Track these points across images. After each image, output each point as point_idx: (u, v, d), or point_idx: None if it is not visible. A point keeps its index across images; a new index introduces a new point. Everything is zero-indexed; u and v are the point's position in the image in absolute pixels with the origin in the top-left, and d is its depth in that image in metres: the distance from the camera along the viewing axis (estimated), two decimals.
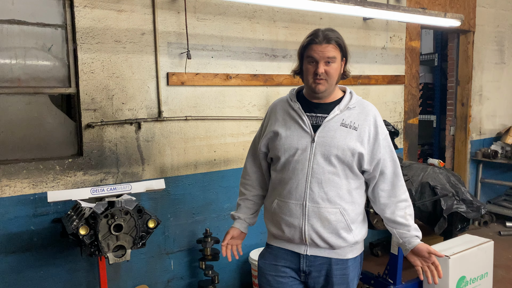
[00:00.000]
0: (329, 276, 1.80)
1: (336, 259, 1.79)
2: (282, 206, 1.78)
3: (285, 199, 1.77)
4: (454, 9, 4.65)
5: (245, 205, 2.01)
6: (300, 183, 1.73)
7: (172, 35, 2.97)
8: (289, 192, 1.76)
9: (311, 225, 1.73)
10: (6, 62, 2.56)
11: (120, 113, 2.83)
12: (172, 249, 3.11)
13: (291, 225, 1.76)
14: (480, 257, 3.12)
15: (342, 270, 1.80)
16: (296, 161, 1.75)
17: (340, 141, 1.72)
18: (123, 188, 2.46)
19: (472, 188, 5.25)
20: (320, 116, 1.77)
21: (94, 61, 2.72)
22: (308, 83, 1.76)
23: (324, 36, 1.71)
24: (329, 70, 1.72)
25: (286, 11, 3.46)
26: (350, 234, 1.77)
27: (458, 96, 5.12)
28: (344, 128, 1.74)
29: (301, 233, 1.75)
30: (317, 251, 1.79)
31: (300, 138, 1.75)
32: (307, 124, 1.76)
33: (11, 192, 2.53)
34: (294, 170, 1.75)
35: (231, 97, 3.26)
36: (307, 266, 1.80)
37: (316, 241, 1.75)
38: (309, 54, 1.73)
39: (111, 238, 2.32)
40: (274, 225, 1.84)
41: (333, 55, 1.72)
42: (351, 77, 3.85)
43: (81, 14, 2.66)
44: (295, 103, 1.81)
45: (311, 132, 1.75)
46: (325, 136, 1.73)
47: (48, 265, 2.66)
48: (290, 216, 1.76)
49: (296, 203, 1.74)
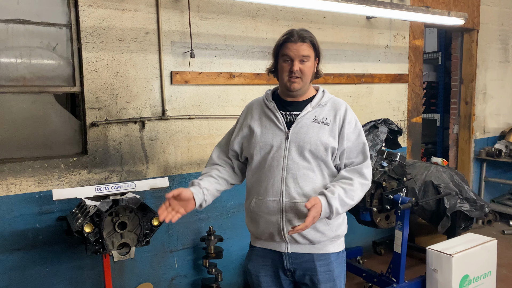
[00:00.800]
0: (313, 275, 1.81)
1: (317, 254, 1.81)
2: (259, 204, 1.80)
3: (262, 196, 1.79)
4: (458, 7, 4.63)
5: (207, 179, 1.86)
6: (276, 179, 1.76)
7: (176, 34, 2.99)
8: (266, 189, 1.78)
9: (288, 221, 1.76)
10: (12, 61, 2.58)
11: (124, 111, 2.85)
12: (176, 247, 3.13)
13: (270, 222, 1.79)
14: (484, 256, 3.12)
15: (326, 266, 1.82)
16: (271, 158, 1.78)
17: (313, 136, 1.76)
18: (128, 186, 2.48)
19: (476, 187, 5.24)
20: (293, 114, 1.81)
21: (98, 60, 2.74)
22: (283, 81, 1.80)
23: (299, 35, 1.75)
24: (303, 69, 1.76)
25: (289, 10, 3.46)
26: (328, 228, 1.80)
27: (462, 94, 5.11)
28: (317, 124, 1.78)
29: (279, 229, 1.78)
30: (297, 247, 1.81)
31: (275, 135, 1.79)
32: (281, 121, 1.80)
33: (16, 190, 2.56)
34: (270, 168, 1.78)
35: (235, 96, 3.27)
36: (290, 264, 1.83)
37: (294, 236, 1.78)
38: (284, 52, 1.76)
39: (115, 236, 2.34)
40: (253, 224, 1.86)
41: (307, 53, 1.75)
42: (354, 76, 3.88)
43: (86, 13, 2.68)
44: (270, 102, 1.85)
45: (285, 129, 1.79)
46: (299, 133, 1.77)
47: (53, 263, 2.69)
48: (268, 214, 1.78)
49: (273, 199, 1.77)
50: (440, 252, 2.98)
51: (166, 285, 3.11)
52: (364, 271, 3.33)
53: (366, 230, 3.83)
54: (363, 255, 3.96)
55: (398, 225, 3.06)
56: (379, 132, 3.16)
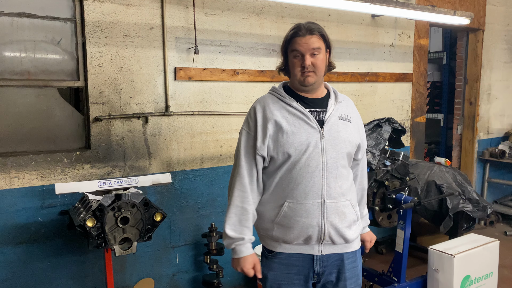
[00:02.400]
0: (341, 272, 1.79)
1: (347, 253, 1.80)
2: (295, 208, 1.69)
3: (300, 199, 1.68)
4: (464, 7, 4.60)
5: (248, 222, 1.77)
6: (316, 180, 1.68)
7: (180, 30, 2.98)
8: (304, 191, 1.68)
9: (330, 222, 1.70)
10: (16, 55, 2.58)
11: (128, 107, 2.85)
12: (177, 243, 3.13)
13: (308, 225, 1.69)
14: (485, 256, 3.11)
15: (353, 262, 1.82)
16: (308, 159, 1.67)
17: (345, 134, 1.74)
18: (130, 182, 2.48)
19: (479, 187, 5.22)
20: (320, 111, 1.75)
21: (102, 55, 2.74)
22: (297, 77, 1.73)
23: (307, 28, 1.69)
24: (315, 62, 1.70)
25: (294, 7, 3.45)
26: (358, 224, 1.82)
27: (466, 95, 5.08)
28: (342, 121, 1.76)
29: (319, 232, 1.70)
30: (331, 248, 1.77)
31: (309, 134, 1.69)
32: (312, 119, 1.71)
33: (19, 183, 2.56)
34: (307, 168, 1.67)
35: (238, 92, 3.27)
36: (321, 267, 1.77)
37: (333, 238, 1.73)
38: (294, 47, 1.70)
39: (117, 231, 2.34)
40: (284, 230, 1.72)
41: (317, 46, 1.69)
42: (358, 75, 3.87)
43: (90, 8, 2.67)
44: (290, 99, 1.74)
45: (318, 127, 1.71)
46: (331, 130, 1.72)
47: (55, 256, 2.69)
48: (307, 217, 1.68)
49: (313, 202, 1.68)
50: (442, 252, 2.97)
51: (167, 280, 3.12)
52: (365, 270, 3.32)
53: None
54: (364, 254, 3.95)
55: (400, 224, 3.06)
56: (382, 131, 3.15)
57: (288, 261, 1.77)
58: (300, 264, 1.77)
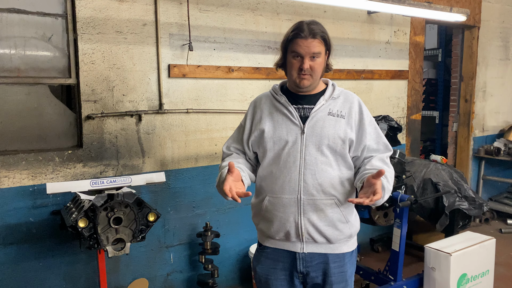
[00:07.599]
0: (327, 275, 1.77)
1: (333, 255, 1.76)
2: (274, 203, 1.73)
3: (278, 194, 1.71)
4: (460, 3, 4.59)
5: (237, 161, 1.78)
6: (293, 176, 1.69)
7: (174, 26, 2.93)
8: (282, 187, 1.70)
9: (307, 219, 1.70)
10: (6, 51, 2.53)
11: (121, 104, 2.80)
12: (172, 243, 3.09)
13: (286, 220, 1.71)
14: (482, 254, 3.11)
15: (340, 267, 1.78)
16: (287, 154, 1.70)
17: (330, 130, 1.70)
18: (123, 181, 2.44)
19: (474, 184, 5.23)
20: (307, 107, 1.75)
21: (94, 52, 2.69)
22: (292, 78, 1.73)
23: (310, 31, 1.66)
24: (314, 66, 1.69)
25: (289, 4, 3.41)
26: (347, 226, 1.75)
27: (462, 92, 5.08)
28: (332, 117, 1.72)
29: (297, 228, 1.71)
30: (314, 247, 1.75)
31: (289, 130, 1.71)
32: (295, 115, 1.72)
33: (10, 183, 2.51)
34: (285, 164, 1.70)
35: (233, 90, 3.23)
36: (304, 267, 1.76)
37: (313, 235, 1.72)
38: (294, 49, 1.68)
39: (110, 231, 2.30)
40: (266, 224, 1.78)
41: (318, 50, 1.67)
42: (354, 72, 3.84)
43: (82, 3, 2.62)
44: (281, 96, 1.77)
45: (300, 123, 1.72)
46: (314, 127, 1.71)
47: (47, 257, 2.65)
48: (284, 212, 1.71)
49: (290, 197, 1.69)
50: (438, 251, 2.96)
51: (161, 280, 3.08)
52: (361, 268, 3.31)
53: (363, 227, 3.76)
54: (360, 253, 3.94)
55: (397, 222, 3.04)
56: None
57: (274, 256, 1.80)
58: (284, 260, 1.79)
